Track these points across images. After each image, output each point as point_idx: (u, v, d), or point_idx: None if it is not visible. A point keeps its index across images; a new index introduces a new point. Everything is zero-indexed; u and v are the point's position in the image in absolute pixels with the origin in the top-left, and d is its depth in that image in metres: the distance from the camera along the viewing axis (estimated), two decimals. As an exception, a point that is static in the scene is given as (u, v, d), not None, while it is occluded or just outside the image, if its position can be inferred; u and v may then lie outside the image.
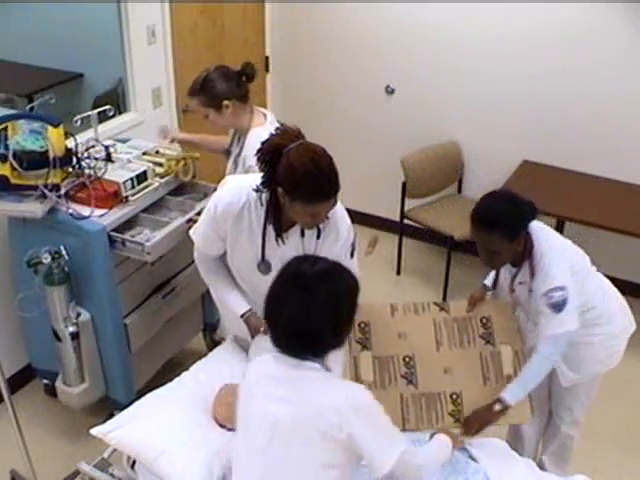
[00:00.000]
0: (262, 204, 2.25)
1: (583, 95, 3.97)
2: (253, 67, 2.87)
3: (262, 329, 2.39)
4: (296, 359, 1.83)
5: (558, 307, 2.32)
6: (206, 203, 2.87)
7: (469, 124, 4.35)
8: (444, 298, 4.20)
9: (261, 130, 2.74)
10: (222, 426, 2.35)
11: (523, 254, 2.39)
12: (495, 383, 2.44)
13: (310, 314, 1.77)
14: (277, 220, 2.25)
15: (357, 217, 2.41)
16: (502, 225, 2.30)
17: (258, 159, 2.12)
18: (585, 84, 3.95)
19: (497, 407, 2.35)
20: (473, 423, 2.36)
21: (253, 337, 2.46)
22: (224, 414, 2.35)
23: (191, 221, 2.90)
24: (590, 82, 3.93)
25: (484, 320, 2.55)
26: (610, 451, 3.24)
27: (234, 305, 2.48)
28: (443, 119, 4.41)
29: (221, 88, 2.79)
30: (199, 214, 2.80)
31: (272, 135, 2.13)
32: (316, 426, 1.75)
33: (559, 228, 4.01)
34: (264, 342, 2.38)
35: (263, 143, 2.12)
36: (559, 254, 2.38)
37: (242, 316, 2.46)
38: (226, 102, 2.80)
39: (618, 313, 2.64)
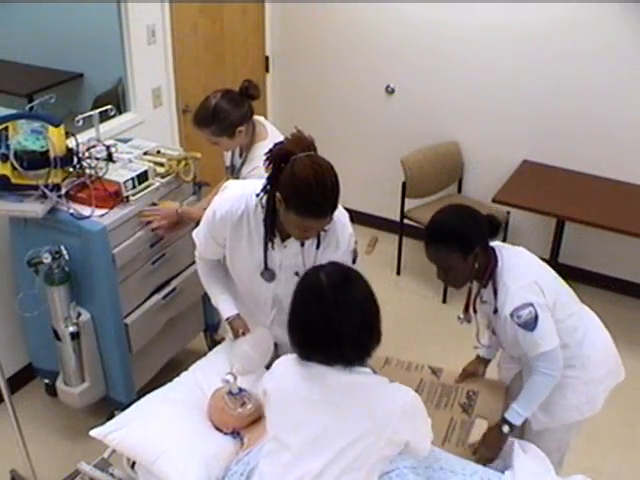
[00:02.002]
0: (262, 207, 2.24)
1: (583, 95, 3.97)
2: (256, 86, 2.82)
3: (241, 330, 2.40)
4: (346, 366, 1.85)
5: (530, 325, 2.19)
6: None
7: (469, 124, 4.36)
8: (444, 298, 4.20)
9: (264, 144, 2.73)
10: (219, 430, 2.34)
11: (485, 272, 2.26)
12: (454, 447, 2.37)
13: (358, 324, 1.80)
14: (272, 224, 2.23)
15: (357, 217, 2.41)
16: (451, 239, 2.18)
17: (267, 159, 2.10)
18: (585, 84, 3.95)
19: (506, 428, 2.30)
20: (489, 450, 2.31)
21: (236, 338, 2.45)
22: (218, 419, 2.33)
23: (151, 227, 2.97)
24: (590, 82, 3.93)
25: (471, 393, 2.53)
26: (610, 451, 3.24)
27: (223, 308, 2.49)
28: (443, 119, 4.41)
29: (235, 117, 2.75)
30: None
31: (286, 139, 2.10)
32: (380, 431, 1.81)
33: (559, 228, 4.02)
34: (244, 346, 2.37)
35: (275, 145, 2.10)
36: (522, 270, 2.25)
37: (227, 319, 2.47)
38: (240, 128, 2.77)
39: (596, 361, 2.44)
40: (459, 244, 2.18)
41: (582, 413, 2.47)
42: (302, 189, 2.01)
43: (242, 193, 2.28)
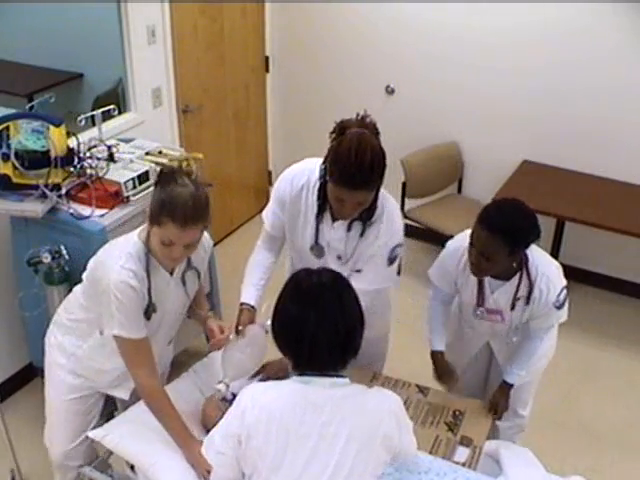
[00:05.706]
0: (319, 180, 2.27)
1: (583, 95, 3.98)
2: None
3: (240, 327, 2.35)
4: (327, 378, 1.80)
5: (561, 305, 2.40)
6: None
7: (469, 124, 4.36)
8: (444, 298, 4.20)
9: None
10: None
11: (521, 269, 2.37)
12: None
13: (345, 317, 1.78)
14: (325, 196, 2.25)
15: (358, 217, 2.41)
16: (510, 234, 2.21)
17: (331, 132, 2.18)
18: (585, 84, 3.95)
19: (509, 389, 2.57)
20: (504, 400, 2.57)
21: (237, 331, 2.36)
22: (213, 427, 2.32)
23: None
24: (590, 82, 3.94)
25: (457, 412, 2.53)
26: (610, 451, 3.24)
27: (245, 292, 2.46)
28: (443, 119, 4.41)
29: None
30: None
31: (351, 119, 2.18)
32: (374, 434, 1.78)
33: (559, 228, 4.02)
34: (235, 352, 2.30)
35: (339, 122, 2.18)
36: (547, 258, 2.43)
37: (241, 304, 2.43)
38: None
39: None
40: (515, 242, 2.23)
41: (548, 357, 2.68)
42: (340, 157, 2.08)
43: (305, 167, 2.34)
